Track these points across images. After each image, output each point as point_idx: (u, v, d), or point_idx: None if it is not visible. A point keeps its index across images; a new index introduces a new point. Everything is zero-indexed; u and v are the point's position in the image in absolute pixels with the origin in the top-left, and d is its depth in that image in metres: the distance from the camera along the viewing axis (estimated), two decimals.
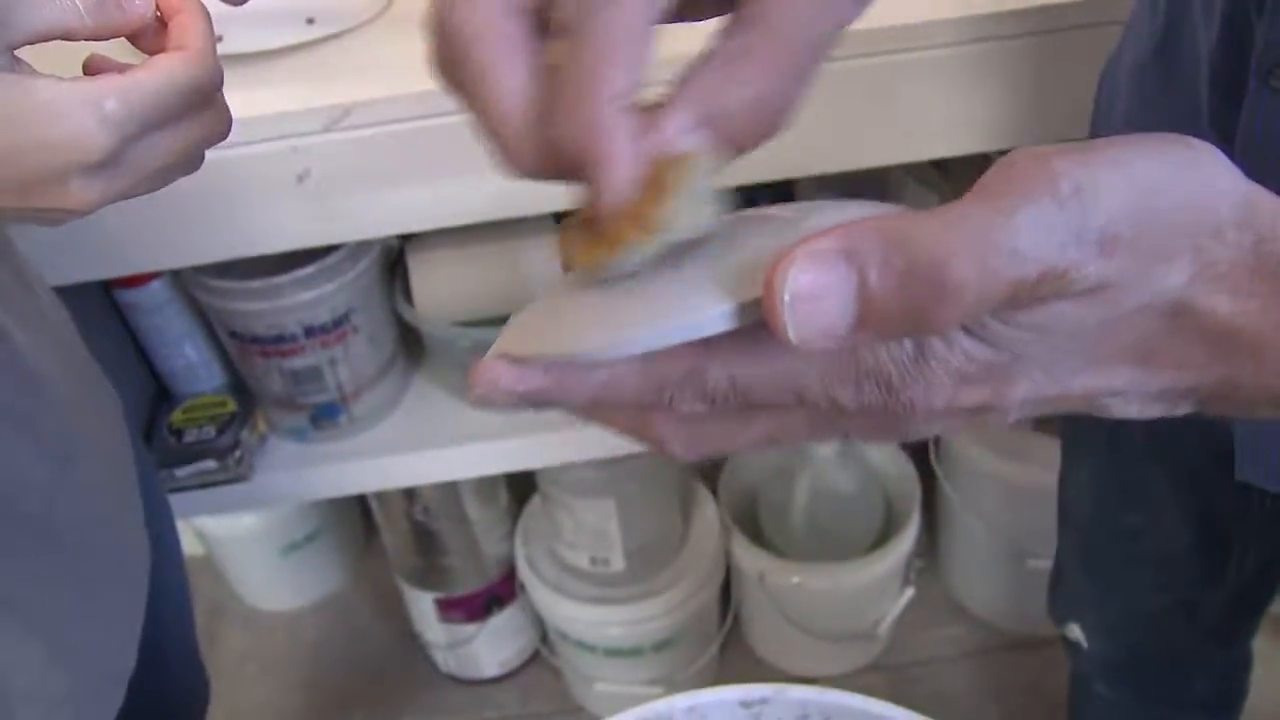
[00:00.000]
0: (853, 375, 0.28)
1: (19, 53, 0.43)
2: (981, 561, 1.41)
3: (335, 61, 0.86)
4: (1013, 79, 0.85)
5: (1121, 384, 0.28)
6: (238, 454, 1.08)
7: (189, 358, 1.13)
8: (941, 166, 1.16)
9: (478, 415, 1.11)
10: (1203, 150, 0.27)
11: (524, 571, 1.31)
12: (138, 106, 0.44)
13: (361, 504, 1.58)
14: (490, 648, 1.42)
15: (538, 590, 1.30)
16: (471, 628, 1.38)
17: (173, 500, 0.82)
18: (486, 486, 1.30)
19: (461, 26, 0.29)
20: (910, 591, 1.34)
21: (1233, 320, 0.26)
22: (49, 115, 0.42)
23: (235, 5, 0.56)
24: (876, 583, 1.31)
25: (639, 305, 0.28)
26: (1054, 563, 0.95)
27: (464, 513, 1.28)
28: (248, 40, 0.84)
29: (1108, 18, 0.80)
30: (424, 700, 1.47)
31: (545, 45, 0.29)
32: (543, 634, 1.42)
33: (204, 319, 1.10)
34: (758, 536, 1.34)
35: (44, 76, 0.42)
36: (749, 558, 1.30)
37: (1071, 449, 0.86)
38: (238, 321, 1.03)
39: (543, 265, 1.04)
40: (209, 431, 1.09)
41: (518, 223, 1.00)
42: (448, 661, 1.46)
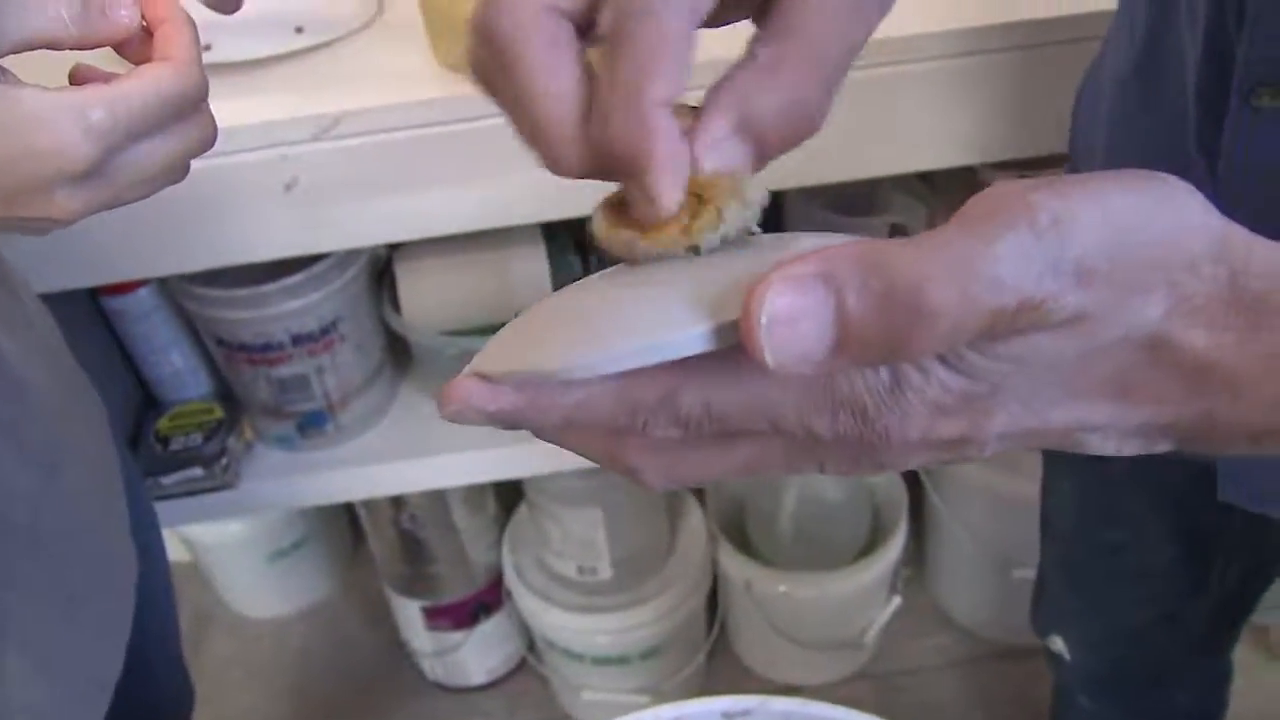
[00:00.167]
0: (828, 404, 0.28)
1: (4, 62, 0.43)
2: (968, 571, 1.41)
3: (324, 70, 0.86)
4: (999, 92, 0.86)
5: (1100, 418, 0.28)
6: (224, 462, 1.08)
7: (175, 365, 1.12)
8: (928, 178, 1.16)
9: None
10: (1178, 187, 0.27)
11: (511, 580, 1.31)
12: (123, 116, 0.44)
13: (349, 511, 1.58)
14: (477, 656, 1.42)
15: (525, 598, 1.29)
16: (459, 636, 1.38)
17: (159, 508, 0.82)
18: (474, 495, 1.30)
19: (505, 27, 0.30)
20: (897, 600, 1.34)
21: (1209, 354, 0.26)
22: (34, 125, 0.42)
23: (226, 14, 0.56)
24: (863, 592, 1.31)
25: (614, 323, 0.28)
26: (1036, 576, 0.95)
27: (451, 521, 1.28)
28: (236, 49, 0.84)
29: (1093, 33, 0.81)
30: (411, 708, 1.47)
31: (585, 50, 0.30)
32: (530, 642, 1.42)
33: (191, 326, 1.10)
34: (745, 545, 1.34)
35: (29, 86, 0.42)
36: (736, 566, 1.30)
37: (1054, 463, 0.87)
38: (225, 329, 1.03)
39: (530, 275, 1.04)
40: (195, 439, 1.09)
41: (506, 232, 1.00)
42: (435, 669, 1.45)
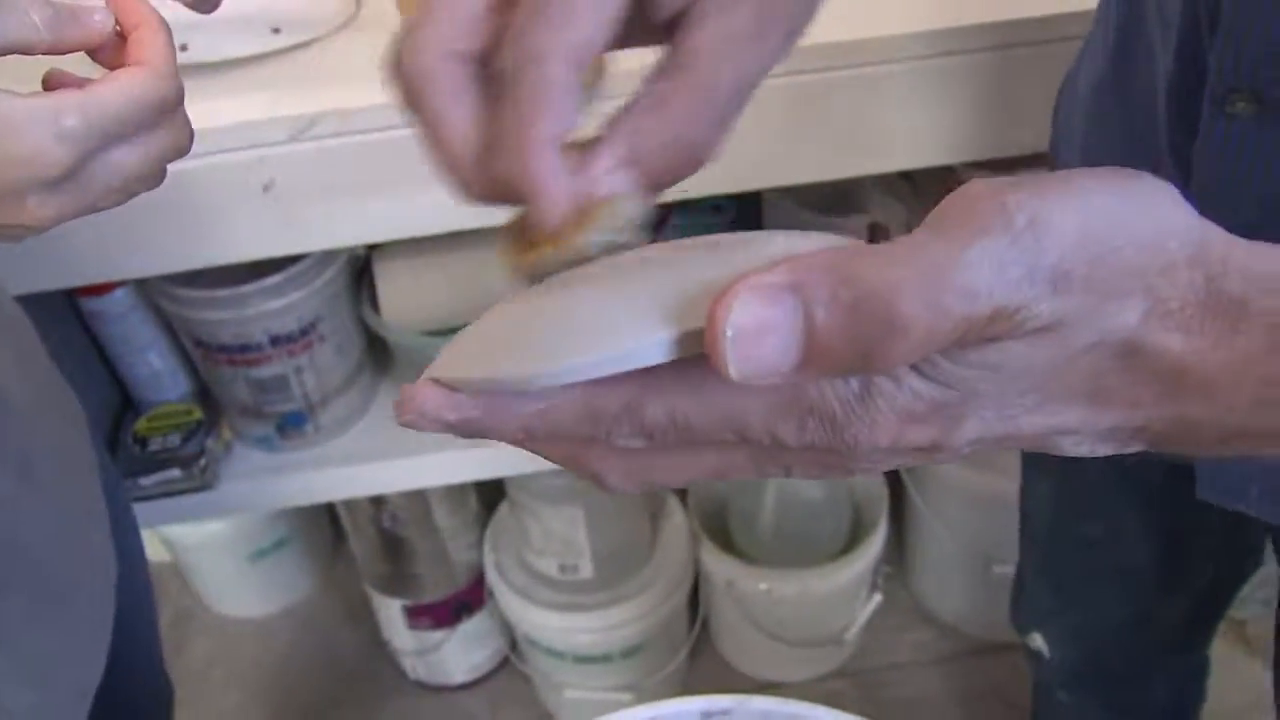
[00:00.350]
0: (796, 412, 0.27)
1: None
2: (948, 568, 1.42)
3: (301, 71, 0.85)
4: (978, 92, 0.86)
5: (1073, 422, 0.28)
6: (203, 463, 1.08)
7: (153, 366, 1.12)
8: (908, 178, 1.17)
9: None
10: (1157, 187, 0.27)
11: (493, 578, 1.31)
12: (97, 122, 0.43)
13: (330, 511, 1.57)
14: (459, 655, 1.42)
15: (506, 597, 1.29)
16: (440, 634, 1.38)
17: (137, 509, 0.82)
18: (455, 494, 1.30)
19: (411, 71, 0.32)
20: (878, 598, 1.35)
21: (1184, 359, 0.26)
22: (6, 130, 0.42)
23: (204, 13, 0.55)
24: (844, 589, 1.31)
25: (574, 331, 0.28)
26: (1015, 573, 0.96)
27: (432, 520, 1.28)
28: (213, 49, 0.83)
29: (1072, 33, 0.81)
30: (392, 707, 1.46)
31: (487, 89, 0.33)
32: (512, 641, 1.42)
33: (169, 327, 1.09)
34: (726, 543, 1.34)
35: (1, 91, 0.42)
36: (717, 564, 1.30)
37: (1032, 463, 0.87)
38: (203, 330, 1.02)
39: (509, 275, 1.04)
40: (174, 440, 1.08)
41: (484, 233, 1.00)
42: (416, 668, 1.45)
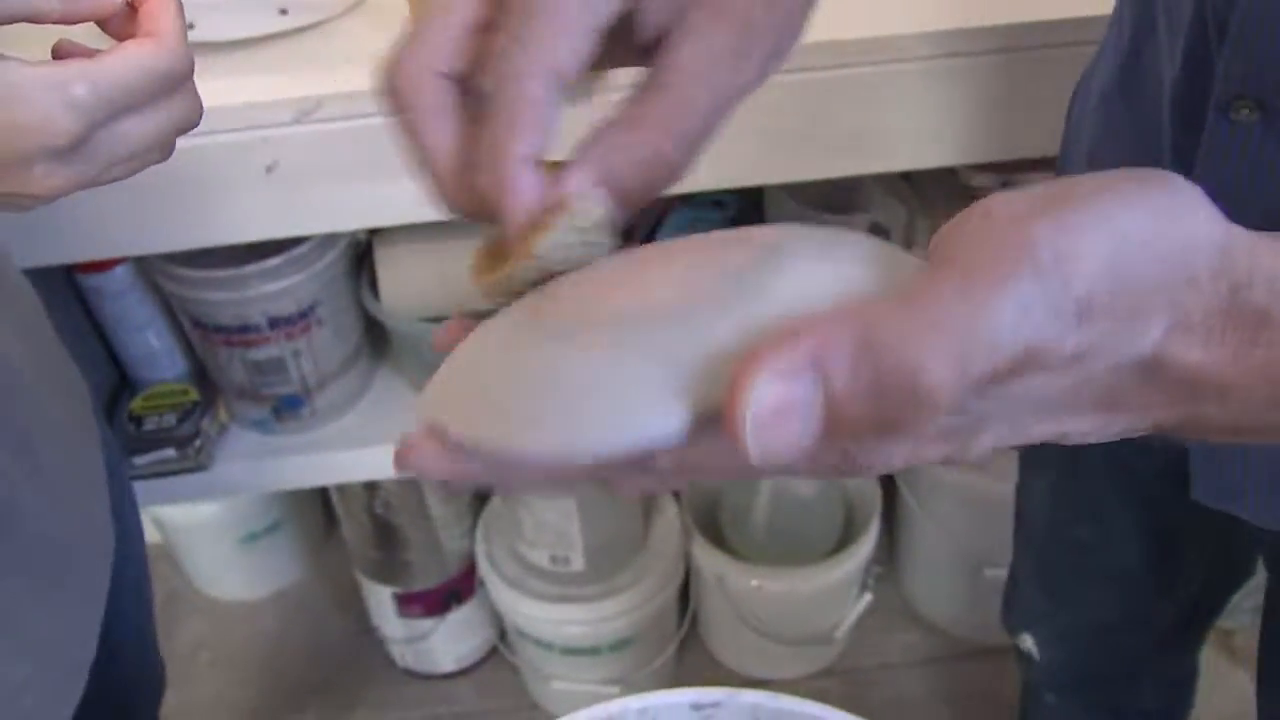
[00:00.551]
0: (810, 452, 0.27)
1: None
2: (939, 569, 1.42)
3: (307, 53, 0.85)
4: (981, 94, 0.86)
5: (1085, 427, 0.28)
6: (198, 443, 1.08)
7: (151, 345, 1.12)
8: (909, 178, 1.17)
9: None
10: (1184, 193, 0.26)
11: (484, 568, 1.31)
12: (106, 92, 0.43)
13: (323, 496, 1.57)
14: (448, 643, 1.42)
15: (497, 587, 1.29)
16: (430, 623, 1.38)
17: None
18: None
19: (398, 89, 0.34)
20: (868, 597, 1.35)
21: (1203, 369, 0.26)
22: (16, 98, 0.41)
23: None
24: (835, 588, 1.31)
25: (585, 404, 0.27)
26: (1009, 574, 0.96)
27: (425, 508, 1.28)
28: (220, 29, 0.83)
29: (1077, 38, 0.81)
30: (379, 694, 1.46)
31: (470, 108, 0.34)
32: (501, 631, 1.42)
33: (167, 306, 1.09)
34: (718, 539, 1.34)
35: (11, 59, 0.42)
36: (709, 560, 1.30)
37: (1029, 462, 0.87)
38: (202, 310, 1.02)
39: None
40: (169, 420, 1.08)
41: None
42: (405, 656, 1.45)
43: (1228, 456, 0.59)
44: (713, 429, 0.26)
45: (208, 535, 1.48)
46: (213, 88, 0.53)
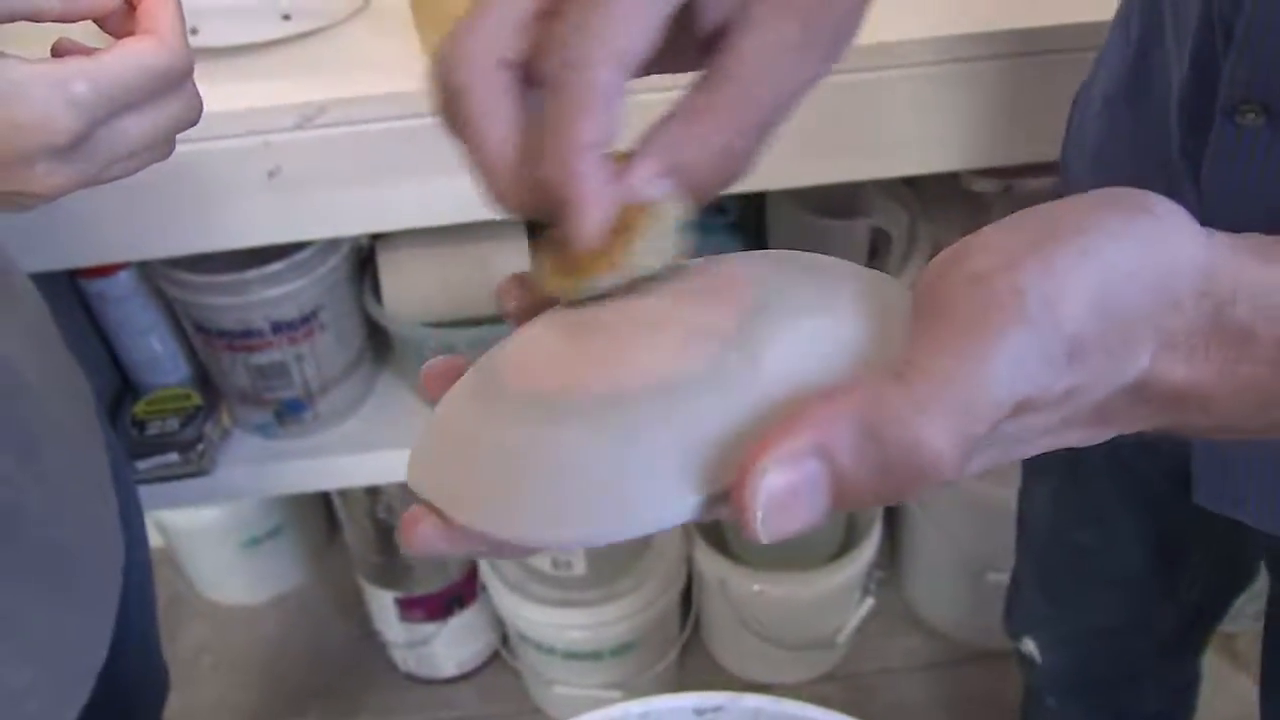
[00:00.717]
0: None
1: None
2: (941, 574, 1.42)
3: (310, 58, 0.85)
4: (984, 100, 0.86)
5: (1073, 441, 0.29)
6: (200, 447, 1.08)
7: (154, 349, 1.12)
8: (911, 183, 1.17)
9: None
10: (1167, 217, 0.27)
11: (486, 573, 1.31)
12: (106, 90, 0.43)
13: (325, 500, 1.57)
14: (450, 648, 1.42)
15: (499, 592, 1.29)
16: (432, 627, 1.38)
17: None
18: None
19: (454, 79, 0.32)
20: (870, 602, 1.35)
21: (1188, 385, 0.27)
22: (16, 96, 0.41)
23: None
24: (837, 592, 1.31)
25: (586, 490, 0.27)
26: (1011, 578, 0.96)
27: None
28: (223, 34, 0.83)
29: (1080, 44, 0.81)
30: (381, 699, 1.46)
31: (530, 96, 0.32)
32: (503, 636, 1.42)
33: (170, 311, 1.09)
34: (720, 543, 1.34)
35: (10, 57, 0.42)
36: (711, 564, 1.30)
37: (1032, 466, 0.87)
38: (205, 315, 1.02)
39: (512, 268, 1.04)
40: (172, 424, 1.08)
41: (489, 225, 1.00)
42: (407, 661, 1.45)
43: (1230, 461, 0.59)
44: (719, 504, 0.27)
45: (210, 539, 1.48)
46: (215, 93, 0.53)
